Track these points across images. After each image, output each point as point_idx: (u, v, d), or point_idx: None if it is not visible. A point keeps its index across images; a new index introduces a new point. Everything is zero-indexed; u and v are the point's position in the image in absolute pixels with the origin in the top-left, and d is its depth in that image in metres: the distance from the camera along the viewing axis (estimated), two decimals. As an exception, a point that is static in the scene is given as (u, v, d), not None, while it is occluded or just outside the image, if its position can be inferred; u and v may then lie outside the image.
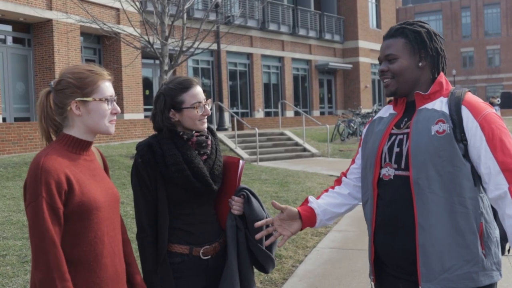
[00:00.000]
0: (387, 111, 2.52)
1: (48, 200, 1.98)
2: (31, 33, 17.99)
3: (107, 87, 2.20)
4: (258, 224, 2.50)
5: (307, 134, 19.29)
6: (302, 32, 31.57)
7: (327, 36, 33.81)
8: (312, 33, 32.50)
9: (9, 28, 17.57)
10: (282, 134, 19.31)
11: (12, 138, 13.71)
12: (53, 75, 17.40)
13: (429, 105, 2.33)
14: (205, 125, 2.63)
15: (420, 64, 2.36)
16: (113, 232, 2.22)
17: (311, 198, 2.59)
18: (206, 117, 2.61)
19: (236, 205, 2.63)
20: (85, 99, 2.14)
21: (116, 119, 2.26)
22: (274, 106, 30.26)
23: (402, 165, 2.28)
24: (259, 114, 28.52)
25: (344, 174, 2.68)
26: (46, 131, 2.24)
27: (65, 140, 2.18)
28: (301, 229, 2.54)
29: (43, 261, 1.95)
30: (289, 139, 18.79)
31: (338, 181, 2.69)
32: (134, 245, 2.68)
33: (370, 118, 2.69)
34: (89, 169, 2.19)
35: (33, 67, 17.98)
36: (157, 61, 22.85)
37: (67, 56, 17.81)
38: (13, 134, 13.74)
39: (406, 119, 2.37)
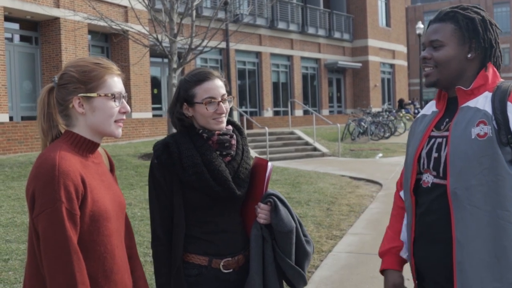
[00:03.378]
0: (430, 107, 2.23)
1: (67, 206, 1.73)
2: (39, 31, 17.80)
3: (115, 83, 1.93)
4: None
5: (317, 134, 19.01)
6: (311, 30, 31.27)
7: (336, 35, 33.50)
8: (321, 32, 32.20)
9: (16, 26, 17.40)
10: (292, 133, 19.04)
11: (19, 137, 13.52)
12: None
13: (471, 103, 2.03)
14: (222, 125, 2.34)
15: (469, 55, 2.06)
16: (122, 245, 1.98)
17: (403, 253, 2.27)
18: (222, 115, 2.32)
19: (262, 213, 2.33)
20: (88, 94, 1.88)
21: (124, 119, 1.98)
22: (283, 105, 29.97)
23: (441, 173, 2.02)
24: (268, 113, 28.25)
25: (401, 186, 2.36)
26: (45, 132, 1.96)
27: (71, 139, 1.91)
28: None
29: (67, 276, 1.70)
30: (299, 138, 18.52)
31: (399, 197, 2.37)
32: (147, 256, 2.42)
33: (415, 116, 2.35)
34: (98, 173, 1.93)
35: (40, 66, 17.80)
36: (166, 60, 22.65)
37: (75, 54, 17.60)
38: (19, 133, 13.55)
39: (447, 119, 2.09)
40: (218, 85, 2.33)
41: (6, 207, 7.62)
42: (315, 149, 17.34)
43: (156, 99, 22.49)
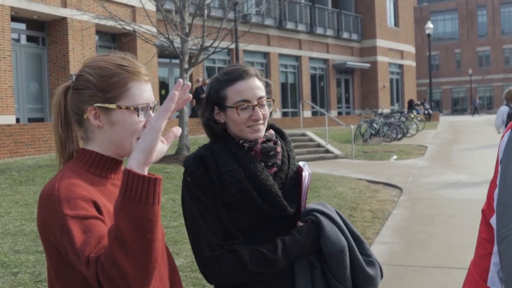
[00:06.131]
0: None
1: (73, 214, 1.35)
2: (45, 31, 17.50)
3: (142, 92, 1.53)
4: None
5: (328, 135, 18.64)
6: (319, 30, 30.94)
7: (345, 35, 33.16)
8: (329, 32, 31.87)
9: (23, 26, 17.11)
10: (303, 135, 18.66)
11: (26, 140, 13.19)
12: (68, 74, 16.84)
13: None
14: (259, 134, 1.92)
15: None
16: (160, 283, 1.59)
17: None
18: (258, 122, 1.91)
19: None
20: (107, 105, 1.50)
21: None
22: (291, 106, 29.64)
23: None
24: (276, 114, 27.91)
25: (490, 212, 1.89)
26: (63, 144, 1.60)
27: (85, 158, 1.54)
28: None
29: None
30: (311, 140, 18.14)
31: (487, 227, 1.91)
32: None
33: (509, 125, 1.85)
34: None
35: (47, 66, 17.49)
36: (173, 60, 22.37)
37: (82, 54, 17.29)
38: (26, 136, 13.22)
39: None
40: (253, 85, 1.92)
41: (14, 213, 7.27)
42: (327, 151, 16.95)
43: (163, 100, 22.13)
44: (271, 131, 2.04)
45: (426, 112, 33.66)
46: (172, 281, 1.69)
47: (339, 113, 33.48)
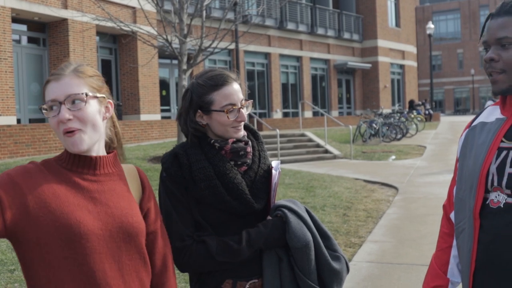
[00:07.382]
0: (492, 114, 1.85)
1: None
2: (46, 32, 17.65)
3: (49, 91, 1.66)
4: None
5: (327, 135, 18.74)
6: (320, 31, 31.01)
7: (346, 35, 33.21)
8: (330, 32, 31.93)
9: (24, 27, 17.25)
10: (302, 135, 18.77)
11: (26, 140, 13.32)
12: (69, 75, 16.95)
13: None
14: (241, 133, 2.09)
15: None
16: (120, 273, 1.68)
17: (452, 279, 1.98)
18: (241, 123, 2.08)
19: None
20: (41, 107, 1.74)
21: (70, 127, 1.64)
22: (292, 106, 29.72)
23: None
24: (277, 114, 28.01)
25: (450, 208, 2.01)
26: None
27: (60, 154, 1.75)
28: None
29: None
30: (310, 140, 18.24)
31: (447, 222, 2.02)
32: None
33: (469, 123, 1.98)
34: (89, 190, 1.68)
35: (48, 67, 17.63)
36: (174, 61, 22.48)
37: (83, 56, 17.42)
38: (27, 136, 13.35)
39: None
40: (237, 89, 2.08)
41: (12, 213, 7.39)
42: (326, 151, 17.06)
43: (164, 100, 22.30)
44: (244, 132, 2.16)
45: (426, 112, 33.70)
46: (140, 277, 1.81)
47: (340, 114, 33.56)
